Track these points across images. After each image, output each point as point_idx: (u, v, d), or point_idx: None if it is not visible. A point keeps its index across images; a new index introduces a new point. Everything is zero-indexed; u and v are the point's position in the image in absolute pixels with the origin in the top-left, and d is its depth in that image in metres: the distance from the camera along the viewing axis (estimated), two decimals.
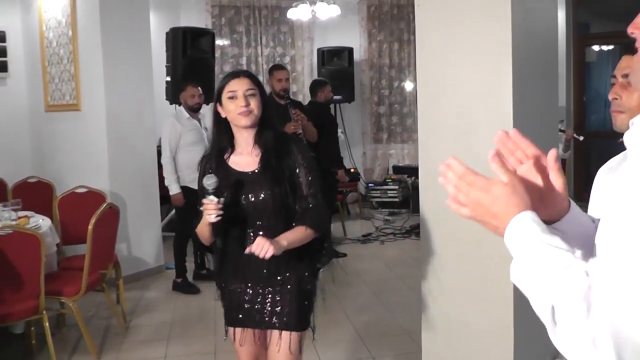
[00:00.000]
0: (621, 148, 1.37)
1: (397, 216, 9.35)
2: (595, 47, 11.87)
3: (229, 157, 2.77)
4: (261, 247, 2.45)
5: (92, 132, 6.30)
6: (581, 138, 8.84)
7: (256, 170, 2.71)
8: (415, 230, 8.23)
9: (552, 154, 1.31)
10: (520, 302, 3.66)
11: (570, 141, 7.89)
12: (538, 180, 1.34)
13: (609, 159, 1.37)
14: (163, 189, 6.33)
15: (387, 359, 4.45)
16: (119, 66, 6.28)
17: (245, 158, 2.74)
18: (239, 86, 2.66)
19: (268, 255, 2.45)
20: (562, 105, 9.00)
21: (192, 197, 5.95)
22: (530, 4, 3.79)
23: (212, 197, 2.51)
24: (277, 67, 6.62)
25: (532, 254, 1.16)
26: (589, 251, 1.16)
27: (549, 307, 1.11)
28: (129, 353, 4.63)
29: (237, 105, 2.64)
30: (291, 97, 6.73)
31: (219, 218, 2.52)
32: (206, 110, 6.03)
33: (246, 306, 2.79)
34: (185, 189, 5.91)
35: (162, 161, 5.98)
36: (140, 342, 4.83)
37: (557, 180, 1.33)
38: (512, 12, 3.47)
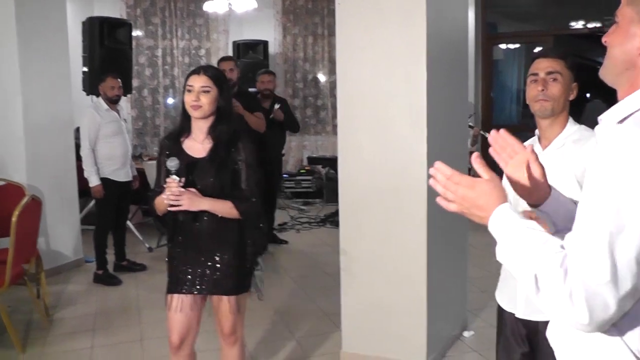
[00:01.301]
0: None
1: (312, 206, 9.56)
2: (502, 46, 12.40)
3: (184, 140, 3.09)
4: (179, 199, 2.86)
5: (8, 124, 6.16)
6: (487, 135, 9.27)
7: (205, 158, 3.01)
8: (329, 219, 8.47)
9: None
10: (432, 282, 3.94)
11: (477, 137, 8.32)
12: (524, 171, 1.64)
13: None
14: (82, 182, 6.30)
15: (309, 338, 4.65)
16: (34, 56, 6.14)
17: (197, 145, 3.06)
18: (195, 82, 3.00)
19: (182, 207, 2.87)
20: (470, 101, 9.41)
21: (112, 189, 6.01)
22: (443, 5, 4.04)
23: (174, 176, 2.86)
24: (222, 59, 6.78)
25: (515, 236, 1.39)
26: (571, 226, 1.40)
27: (533, 277, 1.33)
28: (54, 346, 4.62)
29: (190, 99, 2.98)
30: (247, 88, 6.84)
31: (179, 206, 2.88)
32: (125, 102, 6.01)
33: (189, 272, 3.07)
34: (104, 181, 5.92)
35: (82, 153, 5.93)
36: (65, 335, 4.83)
37: (537, 170, 1.62)
38: (427, 13, 3.71)
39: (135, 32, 9.30)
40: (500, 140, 1.68)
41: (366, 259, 4.06)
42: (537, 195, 1.72)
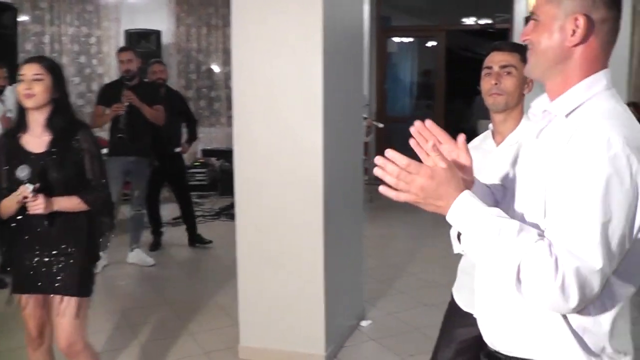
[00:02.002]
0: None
1: (206, 199, 9.41)
2: (396, 39, 12.61)
3: (21, 136, 2.99)
4: (35, 205, 2.81)
5: None
6: (381, 125, 9.45)
7: (44, 152, 2.93)
8: (225, 212, 8.36)
9: (461, 138, 1.58)
10: (329, 273, 3.95)
11: (370, 127, 8.43)
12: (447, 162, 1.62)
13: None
14: None
15: (205, 333, 4.56)
16: None
17: (35, 139, 2.97)
18: (27, 70, 2.92)
19: (39, 211, 2.82)
20: (365, 93, 9.51)
21: None
22: None
23: (28, 185, 2.79)
24: (120, 49, 6.50)
25: (485, 226, 1.42)
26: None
27: (514, 268, 1.38)
28: None
29: (22, 88, 2.90)
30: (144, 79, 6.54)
31: (39, 209, 2.83)
32: (10, 92, 5.73)
33: (32, 273, 3.01)
34: None
35: None
36: None
37: (467, 159, 1.62)
38: (323, 4, 3.69)
39: (21, 17, 8.86)
40: (425, 132, 1.64)
41: (263, 251, 4.02)
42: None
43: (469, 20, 12.31)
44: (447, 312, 2.78)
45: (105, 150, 5.60)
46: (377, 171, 1.48)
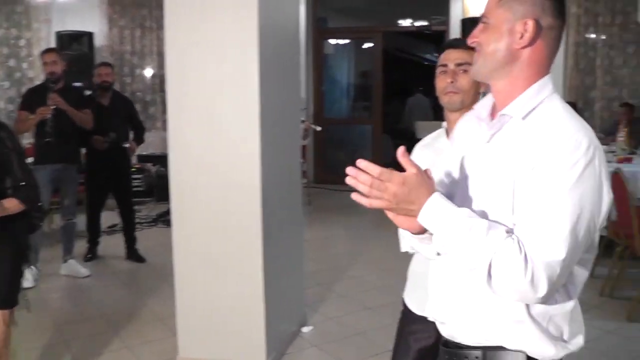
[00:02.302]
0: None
1: (142, 205, 9.21)
2: (332, 41, 12.59)
3: None
4: None
5: None
6: (318, 128, 9.43)
7: None
8: (161, 219, 8.20)
9: (400, 150, 1.54)
10: (269, 279, 3.88)
11: (308, 131, 8.40)
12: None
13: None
14: None
15: (142, 345, 4.43)
16: None
17: None
18: None
19: None
20: (302, 96, 9.48)
21: None
22: None
23: None
24: (43, 51, 6.20)
25: (456, 225, 1.50)
26: None
27: (486, 264, 1.47)
28: None
29: None
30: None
31: None
32: None
33: None
34: None
35: None
36: None
37: (411, 169, 1.57)
38: (259, 6, 3.62)
39: None
40: (361, 175, 1.51)
41: (200, 258, 3.92)
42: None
43: (405, 22, 12.41)
44: (400, 321, 2.72)
45: (31, 159, 5.43)
46: (349, 180, 1.53)
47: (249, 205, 3.78)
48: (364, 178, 1.51)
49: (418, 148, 2.69)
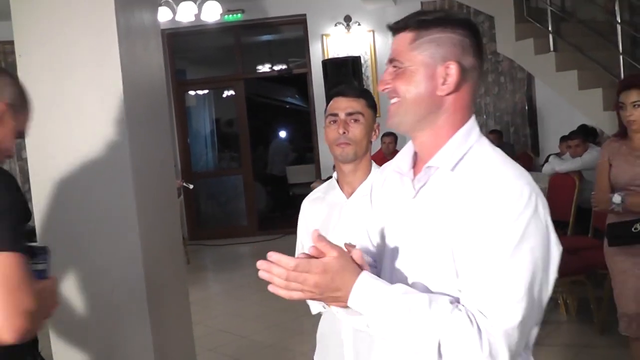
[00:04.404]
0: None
1: None
2: (192, 92, 12.38)
3: None
4: None
5: None
6: (191, 186, 9.15)
7: None
8: None
9: (314, 235, 1.41)
10: (158, 354, 3.57)
11: (180, 189, 8.12)
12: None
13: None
14: None
15: None
16: None
17: None
18: None
19: None
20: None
21: None
22: (137, 51, 3.74)
23: None
24: None
25: (393, 306, 1.34)
26: None
27: (434, 344, 1.30)
28: None
29: None
30: None
31: None
32: None
33: None
34: None
35: None
36: None
37: (331, 252, 1.40)
38: (121, 61, 3.38)
39: None
40: (274, 268, 1.38)
41: (79, 331, 3.54)
42: None
43: (264, 68, 12.41)
44: None
45: None
46: (262, 274, 1.38)
47: (132, 277, 3.46)
48: (278, 271, 1.36)
49: (307, 203, 2.56)
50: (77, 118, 3.43)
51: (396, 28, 1.51)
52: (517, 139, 9.39)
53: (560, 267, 1.45)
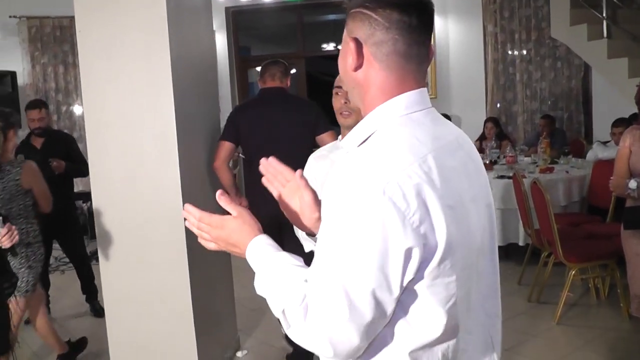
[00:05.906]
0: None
1: None
2: (258, 68, 12.62)
3: None
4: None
5: None
6: (242, 156, 9.46)
7: None
8: (95, 256, 8.09)
9: (298, 173, 1.59)
10: (198, 309, 3.91)
11: (237, 160, 8.42)
12: (295, 199, 1.64)
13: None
14: None
15: None
16: None
17: None
18: None
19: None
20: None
21: None
22: (187, 31, 4.02)
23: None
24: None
25: (267, 270, 1.42)
26: None
27: (282, 312, 1.33)
28: None
29: None
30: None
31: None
32: None
33: None
34: None
35: None
36: None
37: (307, 195, 1.61)
38: (170, 40, 3.67)
39: None
40: (270, 169, 1.68)
41: (128, 294, 3.92)
42: (311, 223, 1.64)
43: (329, 46, 12.61)
44: None
45: None
46: (186, 223, 1.57)
47: (173, 238, 3.80)
48: (192, 221, 1.55)
49: (312, 159, 2.81)
50: (130, 92, 3.78)
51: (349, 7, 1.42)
52: (570, 125, 9.30)
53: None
